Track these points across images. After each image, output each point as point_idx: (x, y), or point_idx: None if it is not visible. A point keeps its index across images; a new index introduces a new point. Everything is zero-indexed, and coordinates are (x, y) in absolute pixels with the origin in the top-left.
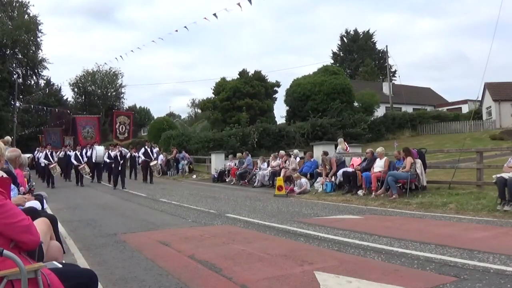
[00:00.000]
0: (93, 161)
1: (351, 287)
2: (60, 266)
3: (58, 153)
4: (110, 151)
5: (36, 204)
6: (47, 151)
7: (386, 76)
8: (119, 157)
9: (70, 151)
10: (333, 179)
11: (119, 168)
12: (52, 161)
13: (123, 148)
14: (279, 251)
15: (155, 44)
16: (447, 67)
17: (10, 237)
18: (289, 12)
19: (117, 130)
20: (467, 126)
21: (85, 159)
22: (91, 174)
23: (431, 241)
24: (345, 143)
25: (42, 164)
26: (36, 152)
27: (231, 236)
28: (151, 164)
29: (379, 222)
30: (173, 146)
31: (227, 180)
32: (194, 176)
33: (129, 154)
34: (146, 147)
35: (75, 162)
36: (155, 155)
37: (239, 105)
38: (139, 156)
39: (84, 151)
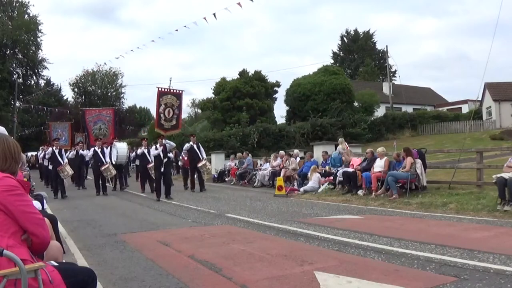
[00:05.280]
0: (113, 162)
1: (351, 287)
2: (57, 264)
3: (68, 152)
4: (142, 148)
5: (36, 204)
6: (54, 148)
7: (386, 76)
8: (162, 155)
9: (83, 150)
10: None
11: (162, 170)
12: (62, 161)
13: (167, 141)
14: (279, 251)
15: (155, 43)
16: (447, 67)
17: (24, 227)
18: (289, 12)
19: (161, 115)
20: (467, 126)
21: (108, 159)
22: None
23: (431, 241)
24: (346, 143)
25: (48, 165)
26: (40, 151)
27: (231, 236)
28: (199, 165)
29: (379, 222)
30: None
31: (227, 180)
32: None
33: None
34: (192, 143)
35: (88, 163)
36: (203, 153)
37: (239, 105)
38: (181, 155)
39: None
